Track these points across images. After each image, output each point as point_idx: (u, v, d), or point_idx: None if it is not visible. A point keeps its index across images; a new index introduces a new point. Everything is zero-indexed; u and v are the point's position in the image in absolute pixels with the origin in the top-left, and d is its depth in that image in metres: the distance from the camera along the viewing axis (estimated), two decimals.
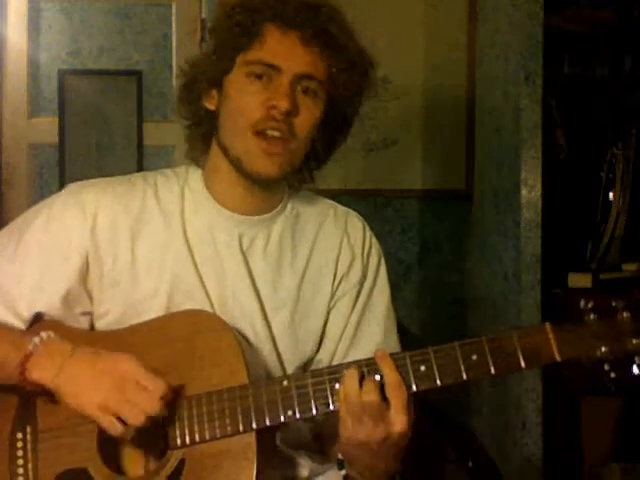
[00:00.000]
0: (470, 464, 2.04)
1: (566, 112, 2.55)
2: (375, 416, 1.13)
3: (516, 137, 2.29)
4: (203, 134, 1.34)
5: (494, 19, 2.50)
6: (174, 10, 2.61)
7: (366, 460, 1.20)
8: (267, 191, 1.33)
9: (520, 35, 2.29)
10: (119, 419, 1.15)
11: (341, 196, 1.47)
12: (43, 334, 1.20)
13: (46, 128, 2.59)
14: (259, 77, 1.25)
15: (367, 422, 1.13)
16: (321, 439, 1.35)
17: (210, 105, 1.31)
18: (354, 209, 1.44)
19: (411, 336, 2.25)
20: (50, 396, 1.20)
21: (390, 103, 2.59)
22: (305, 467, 1.34)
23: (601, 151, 2.52)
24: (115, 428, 1.15)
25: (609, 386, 1.10)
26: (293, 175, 1.34)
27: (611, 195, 2.51)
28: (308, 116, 1.26)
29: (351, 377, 1.14)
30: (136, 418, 1.14)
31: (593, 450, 2.39)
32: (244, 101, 1.25)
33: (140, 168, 2.56)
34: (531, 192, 2.27)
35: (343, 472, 1.27)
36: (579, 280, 2.42)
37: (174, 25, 2.61)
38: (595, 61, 2.59)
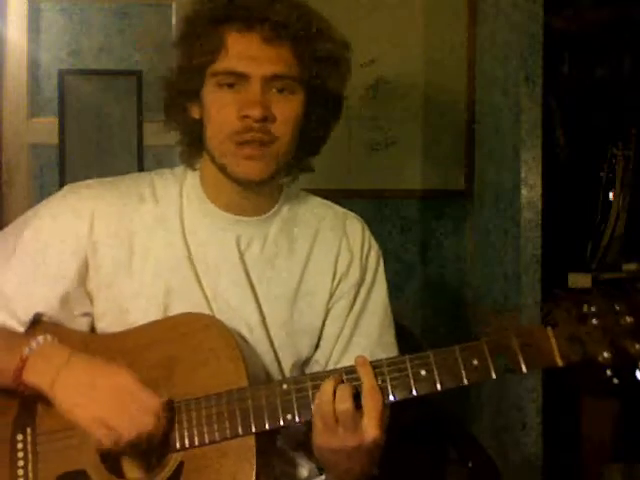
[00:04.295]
0: (470, 464, 2.04)
1: (566, 112, 2.56)
2: (347, 424, 1.12)
3: (516, 137, 2.29)
4: (194, 140, 1.33)
5: (494, 19, 2.50)
6: (174, 10, 2.60)
7: (341, 465, 1.19)
8: (260, 193, 1.33)
9: (520, 35, 2.29)
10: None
11: (341, 196, 1.46)
12: (40, 338, 1.20)
13: (46, 128, 2.58)
14: (231, 86, 1.23)
15: (339, 430, 1.13)
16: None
17: (195, 114, 1.31)
18: (354, 209, 1.44)
19: (411, 336, 2.25)
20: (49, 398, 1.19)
21: (390, 103, 2.59)
22: (305, 467, 1.34)
23: (601, 151, 2.52)
24: (109, 441, 1.14)
25: (611, 391, 1.09)
26: (286, 172, 1.34)
27: (611, 195, 2.51)
28: (287, 115, 1.25)
29: (327, 386, 1.13)
30: (130, 432, 1.13)
31: (593, 450, 2.39)
32: (220, 113, 1.24)
33: (140, 168, 2.56)
34: (531, 192, 2.27)
35: (323, 477, 1.27)
36: (579, 280, 2.42)
37: (174, 25, 2.60)
38: (595, 61, 2.59)
